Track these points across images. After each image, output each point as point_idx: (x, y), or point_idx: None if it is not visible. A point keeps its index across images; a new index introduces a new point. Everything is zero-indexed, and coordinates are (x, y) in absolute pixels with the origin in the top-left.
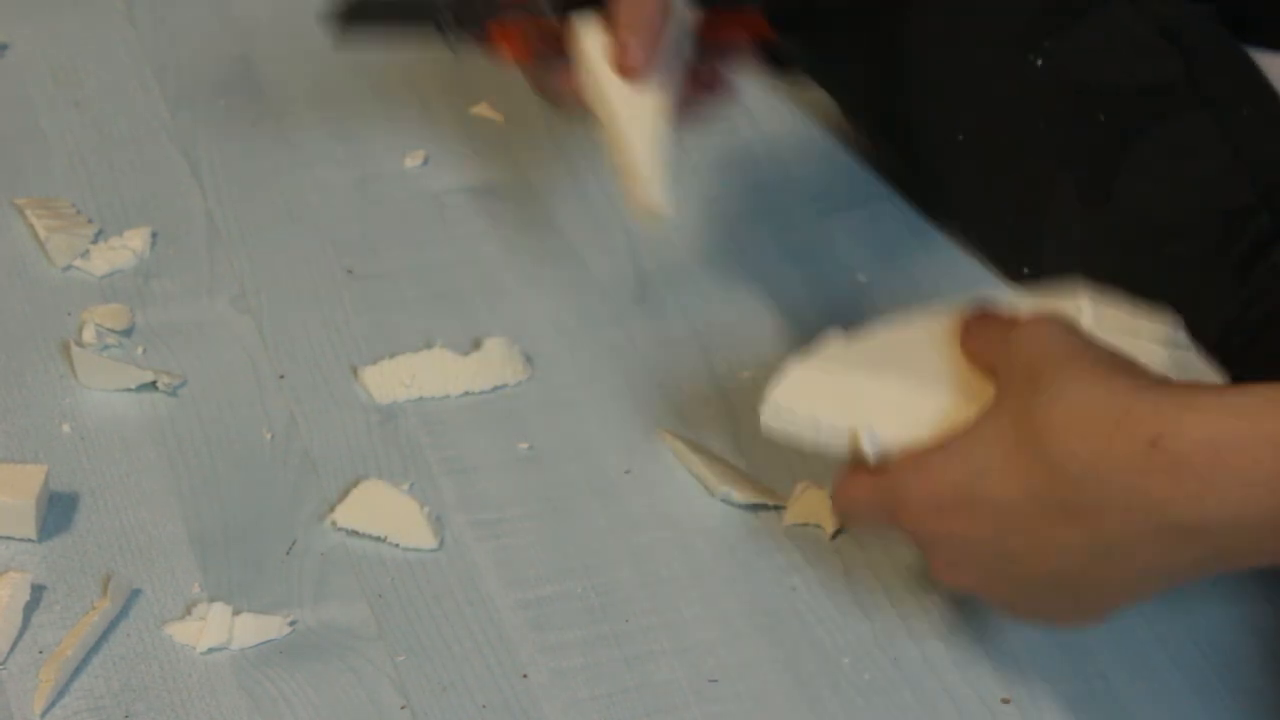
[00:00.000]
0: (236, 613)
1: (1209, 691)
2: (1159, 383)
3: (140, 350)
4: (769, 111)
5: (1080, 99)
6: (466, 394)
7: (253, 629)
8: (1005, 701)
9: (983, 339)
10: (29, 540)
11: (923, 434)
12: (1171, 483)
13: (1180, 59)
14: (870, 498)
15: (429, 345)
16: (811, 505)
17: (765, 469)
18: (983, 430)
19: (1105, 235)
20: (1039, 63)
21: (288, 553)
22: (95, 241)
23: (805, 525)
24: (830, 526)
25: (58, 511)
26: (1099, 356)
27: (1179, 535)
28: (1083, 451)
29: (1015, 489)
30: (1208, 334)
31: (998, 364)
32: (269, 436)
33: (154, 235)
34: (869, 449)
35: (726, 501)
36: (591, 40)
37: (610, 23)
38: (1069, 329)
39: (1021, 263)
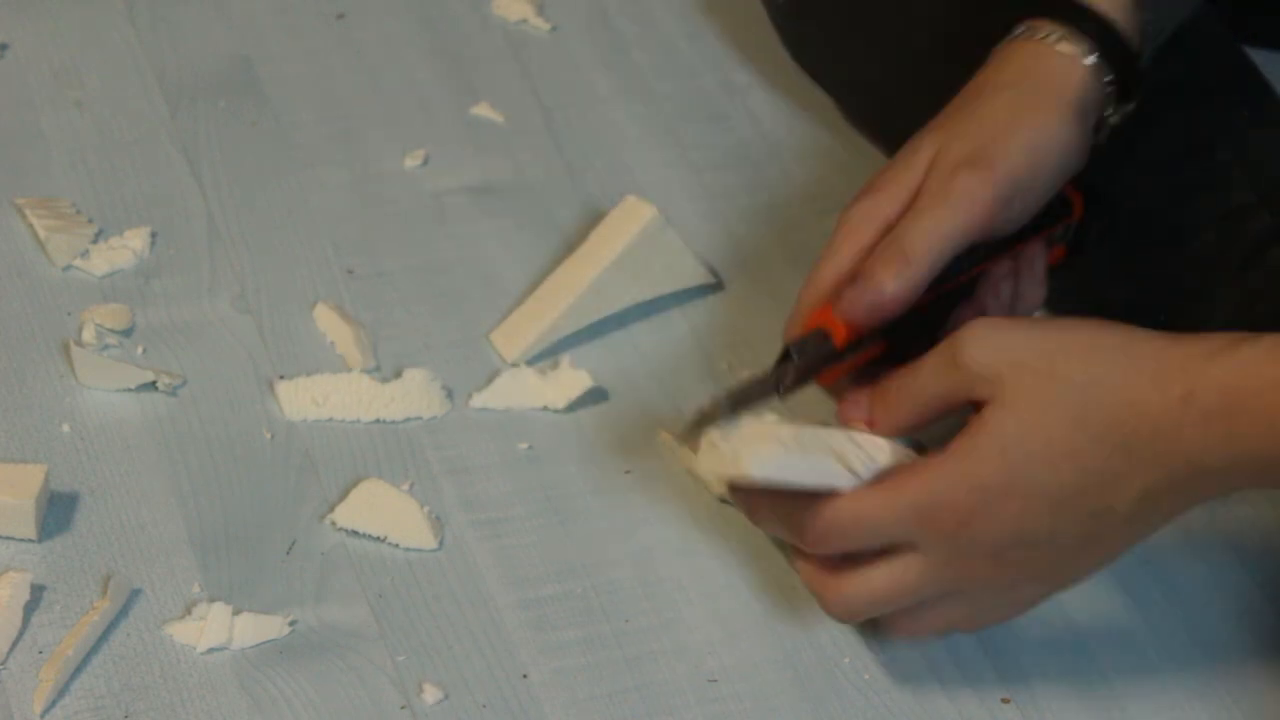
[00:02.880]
0: (236, 613)
1: (1209, 691)
2: (1172, 336)
3: (140, 350)
4: (769, 111)
5: None
6: (378, 421)
7: (253, 629)
8: (1005, 701)
9: (892, 401)
10: (29, 540)
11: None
12: (1203, 432)
13: (1181, 58)
14: (888, 509)
15: (425, 346)
16: None
17: None
18: (1006, 427)
19: (1106, 234)
20: None
21: (288, 553)
22: (95, 241)
23: None
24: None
25: (58, 511)
26: (1080, 334)
27: (1205, 478)
28: (1130, 419)
29: (1068, 468)
30: (1209, 333)
31: (953, 394)
32: (269, 436)
33: (154, 235)
34: (864, 470)
35: (725, 501)
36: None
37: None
38: (1007, 324)
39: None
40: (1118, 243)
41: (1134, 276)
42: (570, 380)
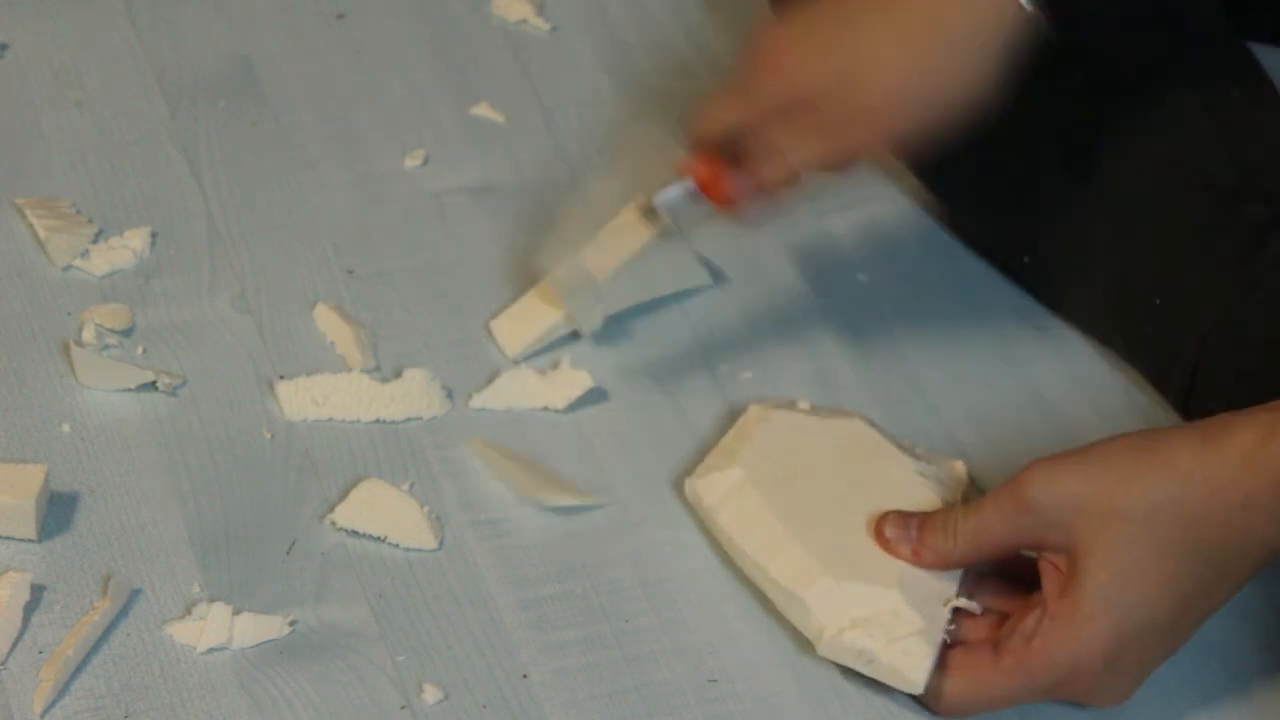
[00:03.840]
0: (236, 613)
1: (1209, 691)
2: (1200, 437)
3: (140, 350)
4: None
5: (1070, 71)
6: (378, 421)
7: (253, 629)
8: None
9: (948, 535)
10: (29, 540)
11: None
12: (1268, 522)
13: (1170, 35)
14: (1016, 684)
15: (427, 346)
16: None
17: None
18: (1099, 577)
19: (1096, 216)
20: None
21: (288, 553)
22: (95, 241)
23: None
24: None
25: (58, 511)
26: (1126, 459)
27: (1268, 555)
28: (1203, 536)
29: (1170, 599)
30: (1204, 317)
31: (1018, 537)
32: (269, 436)
33: (154, 235)
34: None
35: (539, 506)
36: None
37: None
38: (1065, 464)
39: (1021, 252)
40: (1110, 224)
41: (1122, 250)
42: (570, 380)
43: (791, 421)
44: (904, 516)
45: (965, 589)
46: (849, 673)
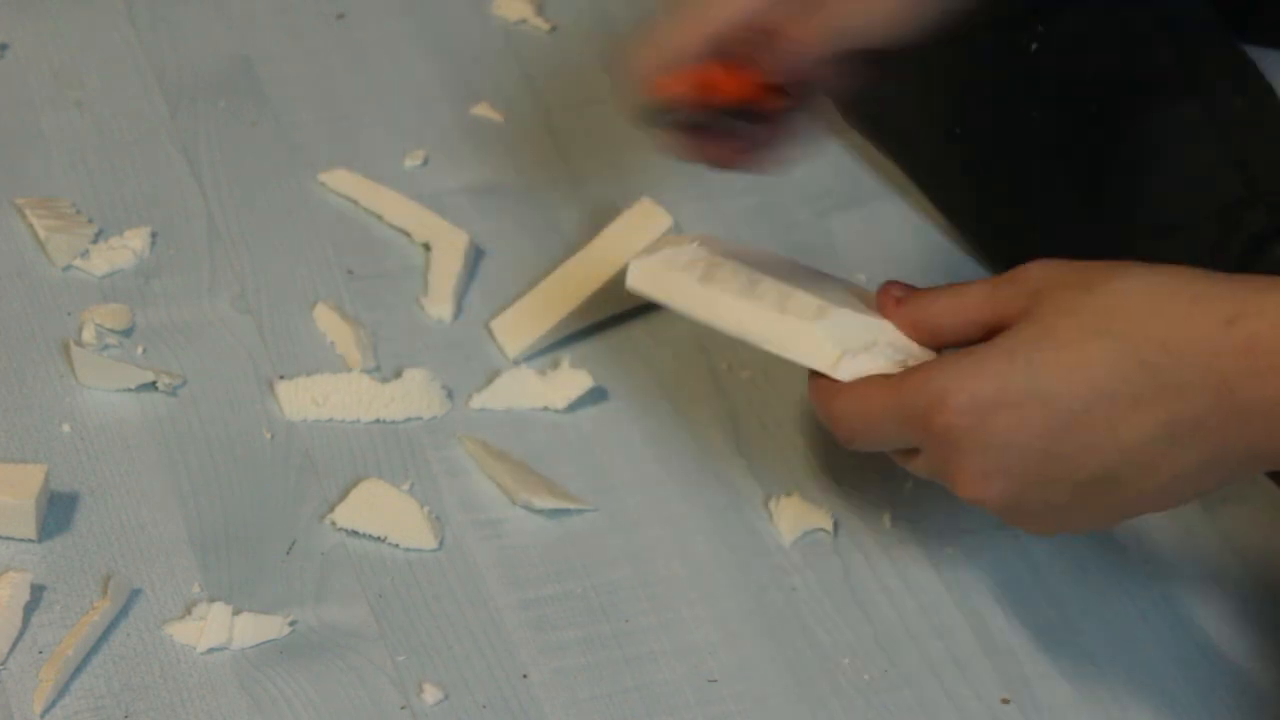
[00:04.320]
0: (236, 613)
1: (1209, 692)
2: (1223, 272)
3: (140, 350)
4: None
5: (1072, 87)
6: (378, 421)
7: (253, 629)
8: (1005, 701)
9: (934, 296)
10: (29, 540)
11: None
12: (1245, 362)
13: (1172, 48)
14: (889, 404)
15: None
16: (799, 513)
17: (765, 469)
18: (1021, 334)
19: (1100, 229)
20: (1034, 47)
21: (288, 553)
22: (95, 241)
23: (810, 532)
24: (826, 525)
25: (58, 511)
26: (1130, 264)
27: (1241, 419)
28: (1158, 332)
29: (1078, 383)
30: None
31: (992, 306)
32: (269, 436)
33: (154, 235)
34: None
35: (527, 508)
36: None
37: None
38: (1071, 261)
39: (1018, 260)
40: (1114, 238)
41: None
42: (570, 380)
43: (725, 244)
44: (895, 282)
45: None
46: (848, 673)
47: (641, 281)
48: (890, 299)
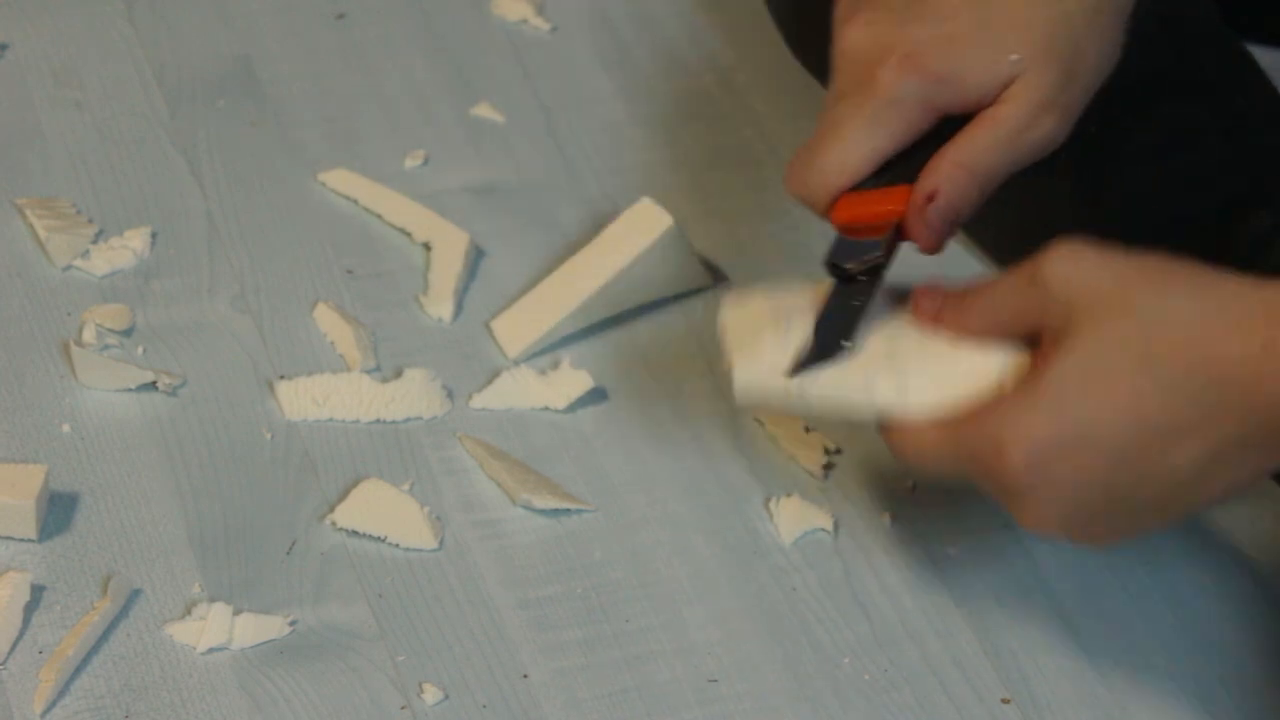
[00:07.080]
0: (236, 613)
1: (1209, 692)
2: (1256, 280)
3: (140, 350)
4: (769, 111)
5: None
6: (378, 421)
7: (253, 629)
8: (1005, 701)
9: (967, 306)
10: (29, 540)
11: (955, 388)
12: None
13: (1171, 47)
14: (947, 449)
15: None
16: (799, 513)
17: (764, 469)
18: (1069, 369)
19: (1101, 230)
20: None
21: (288, 553)
22: (95, 241)
23: (810, 533)
24: (826, 524)
25: (58, 511)
26: (1162, 266)
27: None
28: (1201, 364)
29: (1130, 424)
30: None
31: (1026, 313)
32: (269, 436)
33: (154, 235)
34: (901, 405)
35: (527, 508)
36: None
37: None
38: (1094, 249)
39: (1018, 260)
40: (1116, 238)
41: None
42: (570, 380)
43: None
44: (935, 288)
45: None
46: (849, 673)
47: (748, 398)
48: (926, 316)
